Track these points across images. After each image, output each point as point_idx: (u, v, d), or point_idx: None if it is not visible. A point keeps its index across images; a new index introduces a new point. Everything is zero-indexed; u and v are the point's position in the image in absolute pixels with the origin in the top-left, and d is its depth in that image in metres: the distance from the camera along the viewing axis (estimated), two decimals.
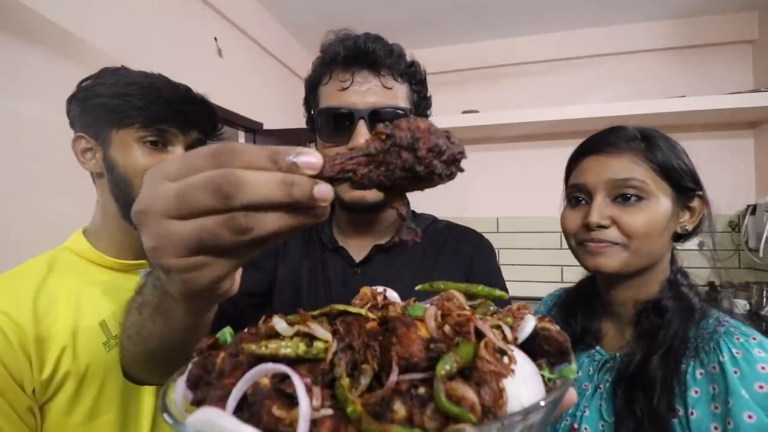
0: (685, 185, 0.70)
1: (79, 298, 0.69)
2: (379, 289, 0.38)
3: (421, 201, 0.91)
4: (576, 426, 0.70)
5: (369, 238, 0.77)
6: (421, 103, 0.75)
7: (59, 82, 1.28)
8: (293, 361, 0.29)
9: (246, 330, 0.30)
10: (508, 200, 2.80)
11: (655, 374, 0.63)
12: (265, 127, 2.52)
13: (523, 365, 0.30)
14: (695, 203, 0.72)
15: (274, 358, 0.28)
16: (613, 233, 0.69)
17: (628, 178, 0.68)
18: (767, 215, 2.07)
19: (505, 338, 0.32)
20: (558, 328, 0.35)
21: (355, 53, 0.66)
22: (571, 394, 0.31)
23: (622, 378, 0.67)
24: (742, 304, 2.09)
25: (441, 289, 0.38)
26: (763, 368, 0.57)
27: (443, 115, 2.62)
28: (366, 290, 0.37)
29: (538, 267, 2.70)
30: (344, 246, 0.77)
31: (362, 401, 0.26)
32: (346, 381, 0.28)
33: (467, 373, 0.28)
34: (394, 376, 0.27)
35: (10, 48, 1.18)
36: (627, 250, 0.69)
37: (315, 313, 0.33)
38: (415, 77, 0.73)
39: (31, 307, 0.63)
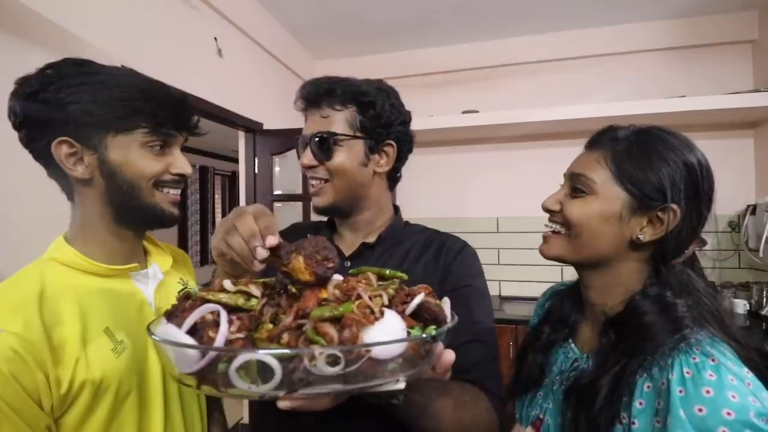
0: (645, 194, 0.68)
1: (81, 308, 0.67)
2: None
3: (423, 202, 0.91)
4: (542, 416, 0.75)
5: (357, 236, 0.90)
6: (371, 123, 0.85)
7: None
8: (234, 309, 0.46)
9: (206, 286, 0.52)
10: (508, 200, 2.80)
11: (601, 391, 0.63)
12: (265, 127, 2.52)
13: (393, 323, 0.45)
14: (664, 215, 0.68)
15: (219, 304, 0.46)
16: (558, 217, 0.75)
17: (579, 174, 0.72)
18: (767, 215, 2.07)
19: (383, 303, 0.47)
20: (437, 302, 0.51)
21: (302, 98, 0.86)
22: (445, 354, 0.50)
23: (574, 388, 0.69)
24: (742, 304, 2.09)
25: (362, 272, 0.55)
26: (707, 392, 0.54)
27: (443, 115, 2.62)
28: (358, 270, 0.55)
29: (538, 267, 2.70)
30: (338, 243, 0.90)
31: (267, 335, 0.43)
32: (268, 324, 0.45)
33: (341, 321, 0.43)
34: (288, 319, 0.44)
35: (10, 48, 1.18)
36: (567, 238, 0.74)
37: (259, 280, 0.52)
38: (358, 101, 0.84)
39: (40, 324, 0.61)
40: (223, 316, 0.44)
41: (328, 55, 3.08)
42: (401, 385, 0.44)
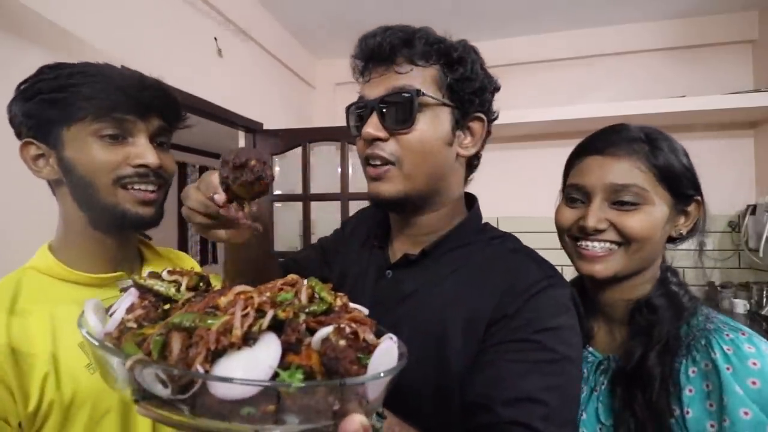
0: (683, 191, 0.70)
1: (54, 321, 0.62)
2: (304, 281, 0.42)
3: None
4: None
5: (407, 242, 0.72)
6: (461, 87, 0.64)
7: None
8: (168, 299, 0.43)
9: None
10: (508, 200, 2.79)
11: (654, 371, 0.63)
12: (265, 127, 2.52)
13: (260, 357, 0.33)
14: (691, 207, 0.71)
15: (151, 291, 0.43)
16: (610, 235, 0.68)
17: (629, 184, 0.67)
18: (767, 215, 2.07)
19: (262, 327, 0.38)
20: (343, 343, 0.35)
21: (365, 52, 0.67)
22: (347, 421, 0.31)
23: (620, 377, 0.66)
24: (742, 304, 2.09)
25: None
26: (754, 364, 0.57)
27: None
28: (292, 276, 0.43)
29: None
30: (389, 246, 0.76)
31: (151, 332, 0.38)
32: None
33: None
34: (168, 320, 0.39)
35: (10, 47, 1.18)
36: (624, 253, 0.68)
37: (202, 273, 0.47)
38: (446, 56, 0.64)
39: (5, 339, 0.58)
40: (126, 302, 0.41)
41: (329, 56, 3.08)
42: None
